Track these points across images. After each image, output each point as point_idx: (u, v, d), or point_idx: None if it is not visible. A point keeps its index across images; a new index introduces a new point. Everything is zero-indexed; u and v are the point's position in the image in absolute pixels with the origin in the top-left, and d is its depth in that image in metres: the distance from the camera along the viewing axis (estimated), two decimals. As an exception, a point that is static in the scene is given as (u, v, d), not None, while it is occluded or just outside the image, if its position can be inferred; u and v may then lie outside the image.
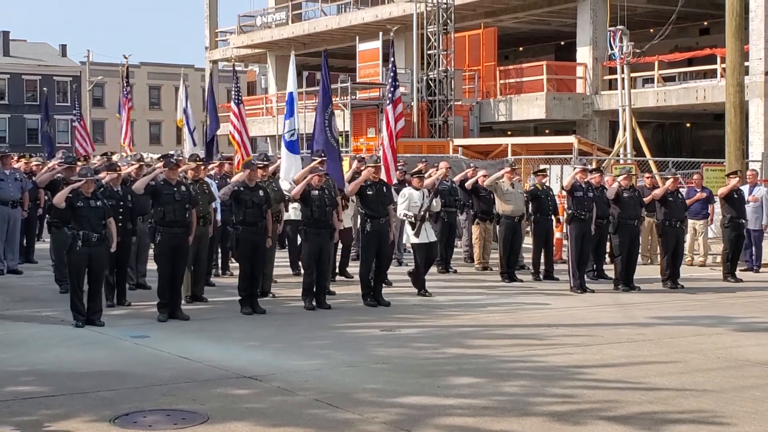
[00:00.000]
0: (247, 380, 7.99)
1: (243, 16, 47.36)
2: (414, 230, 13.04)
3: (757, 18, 26.55)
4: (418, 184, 13.49)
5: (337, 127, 13.87)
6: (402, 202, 13.20)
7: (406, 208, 13.15)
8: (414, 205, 13.12)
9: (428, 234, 13.16)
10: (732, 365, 8.83)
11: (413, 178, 13.67)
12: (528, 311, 11.87)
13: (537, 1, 33.41)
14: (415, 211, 13.04)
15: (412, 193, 13.30)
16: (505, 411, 7.07)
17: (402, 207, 13.17)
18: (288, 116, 14.57)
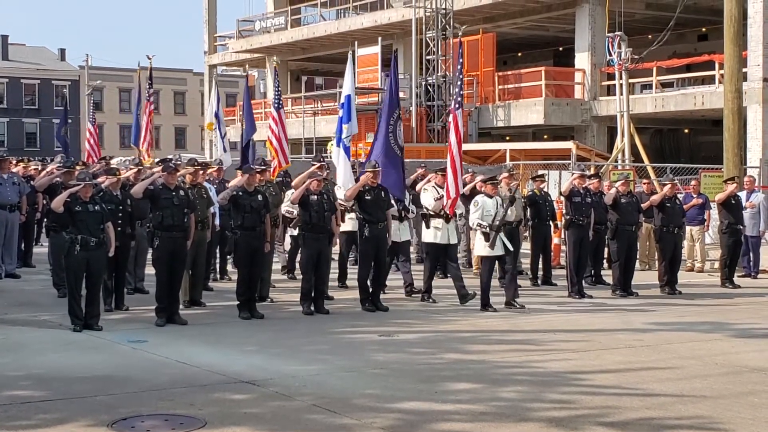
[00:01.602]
0: (244, 385, 7.98)
1: (242, 20, 47.39)
2: (489, 242, 12.11)
3: (756, 24, 26.61)
4: (492, 192, 12.45)
5: (401, 133, 13.15)
6: (474, 211, 12.28)
7: (480, 217, 12.19)
8: (488, 214, 12.20)
9: (506, 245, 12.30)
10: (730, 371, 8.83)
11: (486, 185, 12.61)
12: (526, 317, 11.87)
13: (535, 6, 33.47)
14: (489, 220, 12.16)
15: (486, 201, 12.30)
16: (502, 417, 7.07)
17: (475, 216, 12.26)
18: (346, 120, 13.65)
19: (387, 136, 12.90)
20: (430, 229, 12.89)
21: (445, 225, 12.77)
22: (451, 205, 12.74)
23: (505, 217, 12.37)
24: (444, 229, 12.77)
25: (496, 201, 12.35)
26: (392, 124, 12.90)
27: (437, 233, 12.81)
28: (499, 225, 12.17)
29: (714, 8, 27.70)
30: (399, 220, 13.22)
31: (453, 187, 12.72)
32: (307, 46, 43.05)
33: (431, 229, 12.87)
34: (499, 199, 12.42)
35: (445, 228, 12.77)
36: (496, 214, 12.20)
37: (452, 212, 12.80)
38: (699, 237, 17.17)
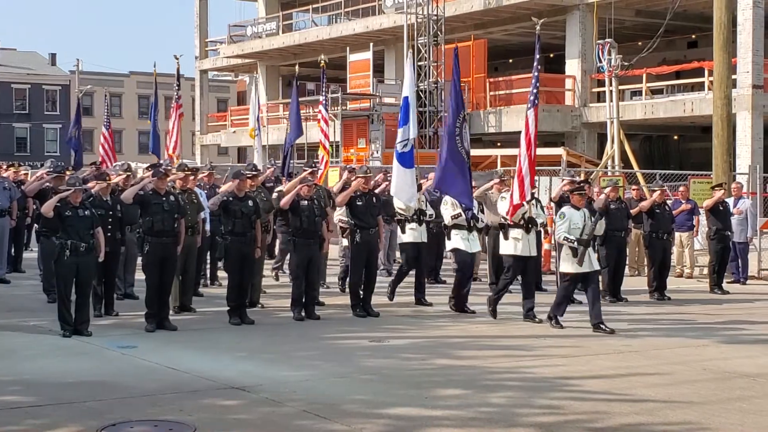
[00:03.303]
0: (235, 391, 7.98)
1: (233, 26, 47.43)
2: (577, 257, 11.08)
3: (745, 31, 26.75)
4: (579, 203, 11.45)
5: (468, 137, 12.42)
6: (560, 224, 11.30)
7: (566, 231, 11.17)
8: (575, 227, 11.19)
9: (592, 262, 11.28)
10: (718, 377, 8.87)
11: (573, 195, 11.57)
12: (516, 322, 11.90)
13: (526, 13, 33.52)
14: (576, 234, 11.15)
15: (573, 213, 11.32)
16: (492, 422, 7.09)
17: (561, 230, 11.23)
18: (402, 123, 13.01)
19: (453, 140, 12.14)
20: (509, 241, 11.99)
21: (525, 235, 11.89)
22: (512, 211, 11.81)
23: (595, 231, 11.35)
24: (524, 240, 11.89)
25: (584, 213, 11.30)
26: (458, 126, 12.13)
27: (517, 245, 11.91)
28: (588, 240, 11.14)
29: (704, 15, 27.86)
30: (468, 230, 12.48)
31: (517, 193, 11.75)
32: (299, 51, 43.05)
33: (510, 240, 11.98)
34: (587, 211, 11.40)
35: (526, 239, 11.89)
36: (584, 227, 11.18)
37: (512, 220, 11.91)
38: (688, 243, 17.24)
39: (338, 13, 41.84)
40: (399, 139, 12.99)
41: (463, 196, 12.21)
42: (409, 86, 13.47)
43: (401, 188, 12.84)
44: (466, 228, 12.47)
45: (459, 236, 12.47)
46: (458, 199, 12.26)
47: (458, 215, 12.35)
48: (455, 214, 12.39)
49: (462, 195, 12.21)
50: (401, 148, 12.93)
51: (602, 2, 30.99)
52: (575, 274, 11.20)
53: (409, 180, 12.87)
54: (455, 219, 12.42)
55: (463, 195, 12.21)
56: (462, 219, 12.37)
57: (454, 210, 12.40)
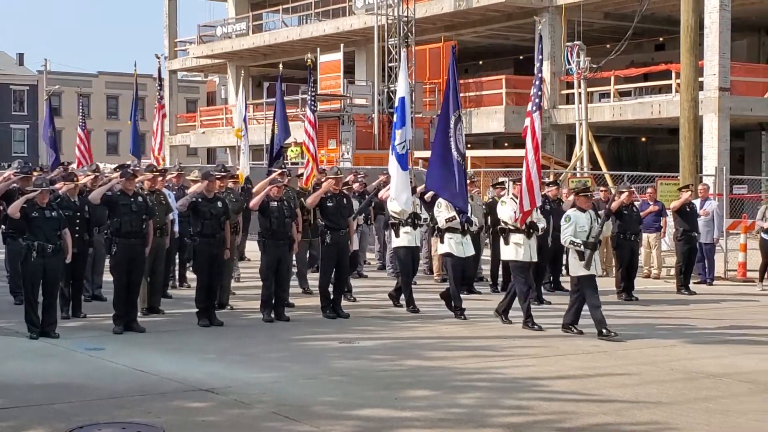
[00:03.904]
0: (203, 393, 7.95)
1: (203, 26, 47.24)
2: (584, 261, 10.80)
3: (712, 34, 27.04)
4: (586, 204, 11.14)
5: (463, 138, 12.02)
6: (566, 227, 10.98)
7: (573, 234, 10.89)
8: (581, 230, 10.91)
9: (597, 266, 11.00)
10: (685, 377, 8.95)
11: (579, 197, 11.26)
12: (486, 323, 11.94)
13: (496, 15, 33.70)
14: (583, 237, 10.89)
15: (579, 215, 11.01)
16: (461, 423, 7.11)
17: (567, 233, 10.94)
18: (399, 125, 12.76)
19: (446, 142, 11.91)
20: (510, 246, 11.66)
21: (526, 241, 11.53)
22: (522, 218, 11.45)
23: (601, 233, 11.09)
24: (525, 245, 11.53)
25: (590, 215, 11.04)
26: (452, 127, 11.85)
27: (518, 250, 11.57)
28: (595, 242, 10.87)
29: (671, 18, 28.10)
30: (462, 234, 12.19)
31: (527, 200, 11.33)
32: (269, 52, 42.98)
33: (511, 245, 11.64)
34: (593, 213, 11.12)
35: (527, 244, 11.54)
36: (591, 229, 10.92)
37: (522, 226, 11.53)
38: (655, 244, 17.38)
39: (308, 13, 41.79)
40: (398, 141, 12.72)
41: (457, 198, 11.96)
42: (405, 87, 13.19)
43: (401, 191, 12.61)
44: (460, 231, 12.22)
45: (453, 240, 12.20)
46: (452, 202, 12.03)
47: (452, 218, 12.14)
48: (449, 217, 12.16)
49: (456, 198, 11.96)
50: (401, 150, 12.66)
51: (571, 5, 31.20)
52: (588, 276, 10.88)
53: (407, 183, 12.72)
54: (449, 222, 12.18)
55: (457, 198, 11.96)
56: (456, 222, 12.15)
57: (448, 213, 12.17)
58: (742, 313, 13.66)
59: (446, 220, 12.21)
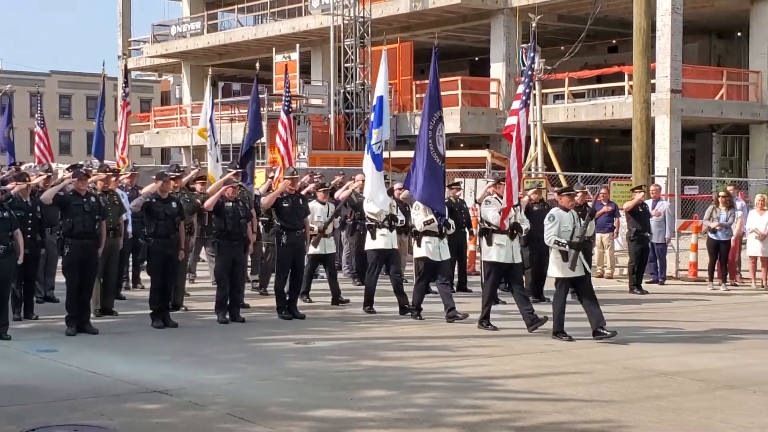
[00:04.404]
0: (157, 395, 7.89)
1: (157, 25, 46.84)
2: (568, 261, 10.67)
3: (664, 37, 27.40)
4: (568, 204, 11.02)
5: (443, 140, 11.80)
6: (550, 227, 10.79)
7: (556, 234, 10.73)
8: (565, 230, 10.75)
9: (584, 265, 10.87)
10: (637, 376, 9.06)
11: (562, 197, 11.18)
12: (441, 323, 11.98)
13: (451, 17, 33.86)
14: (566, 237, 10.72)
15: (562, 215, 10.85)
16: (416, 423, 7.14)
17: (551, 233, 10.77)
18: (376, 124, 12.53)
19: (426, 142, 11.64)
20: (492, 247, 11.38)
21: (509, 242, 11.31)
22: (502, 217, 11.25)
23: (585, 234, 10.97)
24: (508, 247, 11.32)
25: (572, 215, 10.90)
26: (431, 128, 11.61)
27: (500, 251, 11.34)
28: (579, 243, 10.71)
29: (624, 21, 28.43)
30: (439, 237, 11.96)
31: (506, 198, 11.19)
32: (224, 51, 42.76)
33: (493, 246, 11.37)
34: (575, 213, 10.98)
35: (509, 245, 11.32)
36: (575, 229, 10.76)
37: (503, 226, 11.30)
38: (608, 244, 17.56)
39: (264, 13, 41.63)
40: (374, 141, 12.51)
41: (434, 202, 11.74)
42: (383, 86, 12.89)
43: (376, 192, 12.46)
44: (437, 235, 11.97)
45: (430, 244, 11.95)
46: (430, 204, 11.78)
47: (430, 221, 11.87)
48: (427, 220, 11.89)
49: (434, 202, 11.74)
50: (376, 150, 12.46)
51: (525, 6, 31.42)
52: (567, 278, 10.78)
53: (382, 183, 12.57)
54: (427, 225, 11.91)
55: (434, 202, 11.74)
56: (434, 225, 11.89)
57: (426, 216, 11.90)
58: (693, 312, 13.86)
59: (424, 222, 11.93)
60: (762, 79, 29.97)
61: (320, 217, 13.24)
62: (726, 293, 16.22)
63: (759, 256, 16.84)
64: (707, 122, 30.99)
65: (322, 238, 13.21)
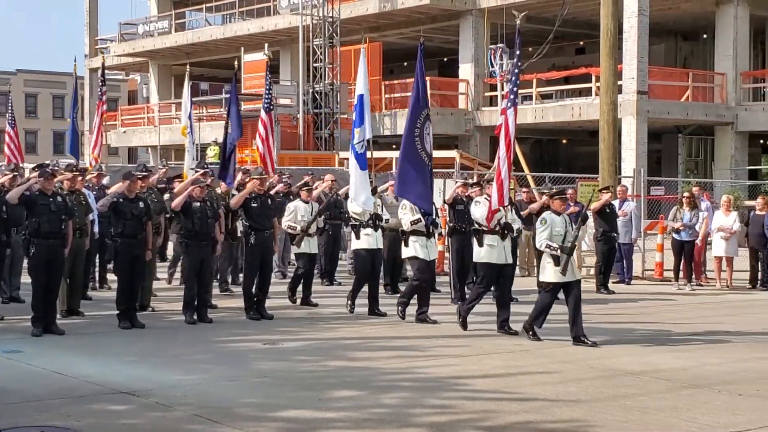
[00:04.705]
0: (124, 396, 7.84)
1: (124, 24, 46.50)
2: (560, 266, 10.50)
3: (630, 39, 27.63)
4: (560, 208, 10.82)
5: (430, 138, 11.59)
6: (542, 231, 10.65)
7: (548, 238, 10.59)
8: (557, 234, 10.61)
9: (574, 271, 10.71)
10: (604, 375, 9.12)
11: (554, 200, 10.96)
12: (410, 323, 11.99)
13: (420, 17, 33.92)
14: (558, 241, 10.57)
15: (554, 219, 10.70)
16: (384, 423, 7.14)
17: (543, 237, 10.63)
18: (357, 123, 12.42)
19: (413, 141, 11.47)
20: (483, 248, 11.23)
21: (500, 242, 11.16)
22: (489, 217, 11.09)
23: (577, 238, 10.87)
24: (500, 247, 11.16)
25: (565, 219, 10.77)
26: (419, 127, 11.41)
27: (492, 252, 11.18)
28: (572, 247, 10.56)
29: (591, 23, 28.63)
30: (426, 237, 11.80)
31: (495, 198, 10.97)
32: (192, 50, 42.53)
33: (485, 247, 11.20)
34: (567, 217, 10.88)
35: (501, 246, 11.17)
36: (566, 233, 10.63)
37: (490, 226, 11.15)
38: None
39: (232, 12, 41.47)
40: (356, 140, 12.38)
41: (422, 200, 11.59)
42: (363, 84, 12.74)
43: (359, 192, 12.34)
44: (425, 234, 11.82)
45: (418, 243, 11.81)
46: (417, 204, 11.65)
47: (417, 221, 11.74)
48: (414, 220, 11.76)
49: (420, 200, 11.59)
50: (359, 149, 12.34)
51: (494, 8, 31.56)
52: (557, 283, 10.65)
53: (366, 183, 12.44)
54: (414, 225, 11.77)
55: (422, 200, 11.59)
56: (421, 225, 11.76)
57: (413, 215, 11.77)
58: (659, 312, 13.99)
59: (411, 222, 11.79)
60: (727, 81, 30.31)
61: (304, 217, 13.18)
62: (691, 293, 16.39)
63: (724, 256, 17.04)
64: (673, 123, 31.28)
65: (306, 238, 13.14)
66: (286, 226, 13.23)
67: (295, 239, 13.24)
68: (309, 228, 13.23)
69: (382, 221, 12.77)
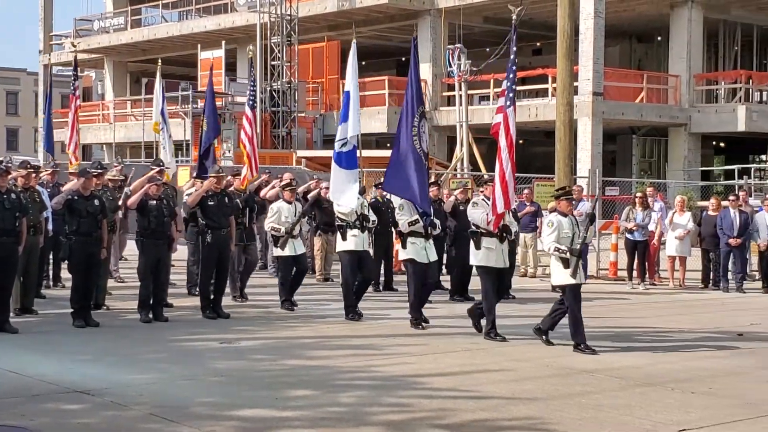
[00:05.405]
0: (78, 395, 7.76)
1: (79, 20, 45.95)
2: (569, 268, 10.22)
3: (587, 41, 27.89)
4: (567, 209, 10.46)
5: (427, 135, 11.32)
6: (549, 233, 10.35)
7: (556, 240, 10.28)
8: (565, 236, 10.30)
9: (580, 275, 10.38)
10: (559, 373, 9.20)
11: (560, 201, 10.59)
12: (367, 322, 12.02)
13: (379, 16, 33.95)
14: (566, 243, 10.30)
15: (561, 220, 10.39)
16: (341, 421, 7.15)
17: (551, 239, 10.32)
18: (342, 120, 12.03)
19: (410, 138, 11.12)
20: (481, 251, 10.90)
21: (498, 245, 10.85)
22: (495, 222, 10.71)
23: (585, 239, 10.63)
24: (498, 251, 10.86)
25: (572, 220, 10.45)
26: (416, 125, 11.08)
27: (490, 255, 10.85)
28: (580, 249, 10.31)
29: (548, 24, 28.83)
30: (425, 238, 11.44)
31: (501, 201, 10.55)
32: (148, 47, 42.16)
33: (482, 250, 10.88)
34: (574, 218, 10.57)
35: (499, 249, 10.87)
36: (574, 235, 10.35)
37: (496, 229, 10.78)
38: (531, 243, 17.82)
39: (189, 9, 41.18)
40: (339, 137, 12.04)
41: (420, 200, 11.23)
42: (353, 80, 12.31)
43: (339, 190, 11.99)
44: (423, 236, 11.47)
45: (416, 245, 11.44)
46: (414, 203, 11.30)
47: (415, 221, 11.37)
48: (412, 221, 11.39)
49: (417, 199, 11.23)
50: (339, 148, 12.00)
51: (451, 8, 31.67)
52: (573, 284, 10.31)
53: (349, 181, 12.00)
54: (412, 225, 11.41)
55: (419, 199, 11.23)
56: (419, 226, 11.40)
57: (411, 216, 11.40)
58: (614, 310, 14.15)
59: (409, 223, 11.42)
60: (681, 82, 30.72)
61: (287, 218, 12.81)
62: (645, 292, 16.59)
63: (677, 256, 17.28)
64: (628, 125, 31.63)
65: (290, 240, 12.78)
66: (270, 227, 12.93)
67: (279, 241, 12.85)
68: (293, 229, 12.83)
69: (369, 222, 12.48)
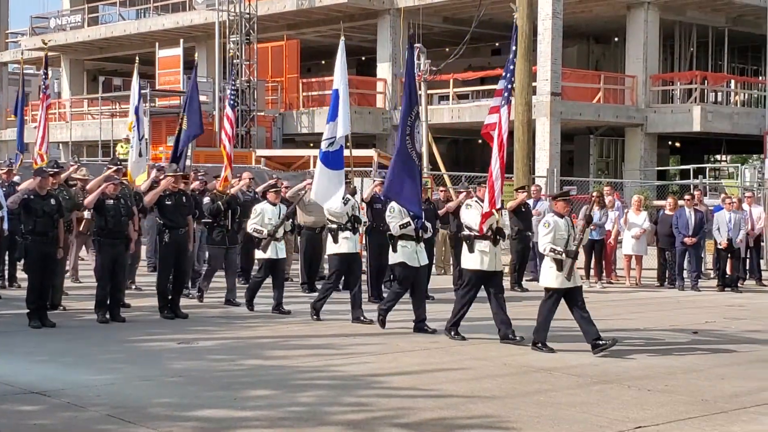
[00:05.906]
0: (34, 396, 7.68)
1: (35, 17, 45.40)
2: (563, 271, 10.07)
3: (545, 41, 28.10)
4: (563, 210, 10.29)
5: (420, 137, 11.14)
6: (545, 234, 10.15)
7: (551, 241, 10.11)
8: (561, 237, 10.14)
9: (575, 277, 10.27)
10: (517, 371, 9.27)
11: (557, 202, 10.45)
12: (326, 321, 12.00)
13: (338, 15, 33.87)
14: (562, 245, 10.12)
15: (558, 221, 10.20)
16: (301, 421, 7.14)
17: (546, 240, 10.13)
18: (330, 119, 11.80)
19: (403, 140, 10.90)
20: (474, 254, 10.68)
21: (492, 248, 10.66)
22: (482, 220, 10.57)
23: (582, 241, 10.45)
24: (491, 254, 10.66)
25: (567, 221, 10.28)
26: (410, 125, 10.88)
27: (483, 258, 10.66)
28: (576, 251, 10.16)
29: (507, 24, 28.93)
30: (416, 241, 11.21)
31: (488, 201, 10.53)
32: (105, 45, 41.74)
33: (476, 253, 10.67)
34: (570, 220, 10.37)
35: (493, 252, 10.67)
36: (570, 236, 10.18)
37: (482, 230, 10.63)
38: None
39: (147, 7, 40.84)
40: (325, 136, 11.82)
41: (411, 203, 11.01)
42: (341, 78, 12.08)
43: (324, 191, 11.72)
44: (414, 239, 11.23)
45: (407, 249, 11.18)
46: (406, 206, 11.08)
47: (407, 224, 11.12)
48: (403, 223, 11.12)
49: (410, 202, 11.01)
50: (326, 147, 11.75)
51: (411, 8, 31.73)
52: (559, 289, 10.20)
53: (335, 182, 11.70)
54: (403, 228, 11.15)
55: (411, 202, 11.00)
56: (410, 229, 11.15)
57: (402, 218, 11.15)
58: (571, 309, 14.24)
59: (400, 226, 11.16)
60: (637, 83, 31.05)
61: (271, 219, 12.59)
62: (602, 291, 16.76)
63: (633, 254, 17.47)
64: (585, 125, 31.92)
65: (273, 242, 12.55)
66: (252, 229, 12.65)
67: (261, 244, 12.62)
68: (276, 232, 12.60)
69: (361, 223, 12.27)
